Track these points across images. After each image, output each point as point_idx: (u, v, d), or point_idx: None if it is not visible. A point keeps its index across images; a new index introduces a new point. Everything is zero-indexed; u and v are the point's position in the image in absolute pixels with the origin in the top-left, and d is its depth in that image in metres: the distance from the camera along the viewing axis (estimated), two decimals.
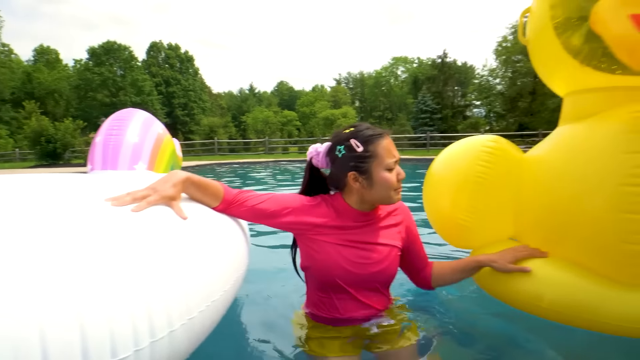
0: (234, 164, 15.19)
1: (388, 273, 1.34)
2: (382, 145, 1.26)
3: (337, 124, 34.79)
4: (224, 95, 64.99)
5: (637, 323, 1.16)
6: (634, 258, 1.19)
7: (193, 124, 47.55)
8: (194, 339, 0.97)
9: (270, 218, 1.31)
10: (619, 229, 1.20)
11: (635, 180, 1.17)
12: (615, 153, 1.24)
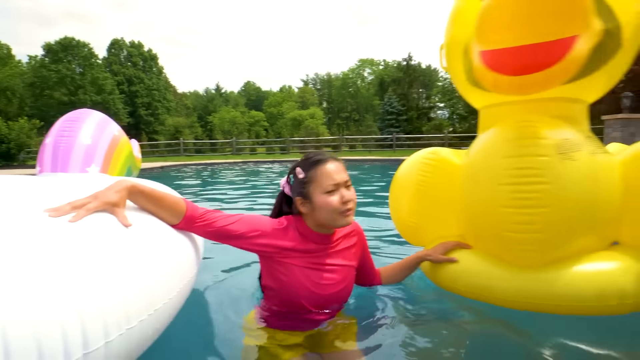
0: (201, 164, 14.88)
1: (348, 291, 1.46)
2: (322, 169, 1.33)
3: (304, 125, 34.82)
4: (189, 95, 63.60)
5: (522, 298, 1.43)
6: (512, 244, 1.45)
7: (157, 124, 46.21)
8: (134, 350, 0.93)
9: (238, 239, 1.32)
10: (500, 220, 1.46)
11: (508, 180, 1.42)
12: (498, 157, 1.48)
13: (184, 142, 23.35)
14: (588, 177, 1.41)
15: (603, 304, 1.34)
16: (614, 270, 1.38)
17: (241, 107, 58.12)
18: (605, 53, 1.40)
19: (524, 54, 1.27)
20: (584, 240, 1.45)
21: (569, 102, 1.57)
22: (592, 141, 1.51)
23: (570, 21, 1.23)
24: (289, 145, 24.41)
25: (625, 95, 10.89)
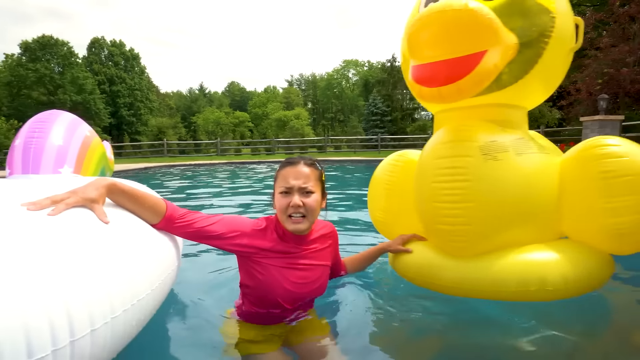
0: (185, 165, 14.69)
1: (322, 288, 1.51)
2: (283, 171, 1.39)
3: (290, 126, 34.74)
4: (172, 95, 62.88)
5: (458, 285, 1.59)
6: (445, 235, 1.63)
7: (140, 124, 45.52)
8: (120, 338, 0.96)
9: (217, 240, 1.34)
10: (435, 214, 1.63)
11: (440, 178, 1.59)
12: (434, 158, 1.65)
13: (168, 143, 23.04)
14: (513, 176, 1.54)
15: (524, 289, 1.49)
16: (536, 260, 1.52)
17: (225, 107, 57.67)
18: (524, 63, 1.54)
19: (439, 69, 1.45)
20: (515, 232, 1.58)
21: (504, 108, 1.70)
22: (530, 142, 1.64)
23: (476, 39, 1.39)
24: (274, 146, 24.32)
25: (601, 97, 11.18)
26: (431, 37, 1.43)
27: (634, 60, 12.56)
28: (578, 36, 1.69)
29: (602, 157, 1.49)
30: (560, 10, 1.57)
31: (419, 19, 1.44)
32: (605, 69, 13.03)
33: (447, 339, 1.52)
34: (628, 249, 1.54)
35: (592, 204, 1.52)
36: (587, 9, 17.42)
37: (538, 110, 23.21)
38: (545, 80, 1.71)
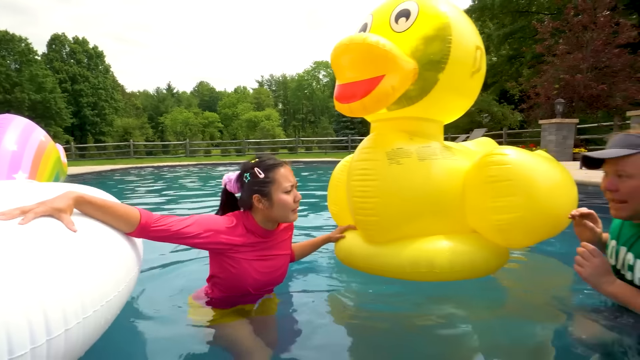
0: (152, 167, 14.35)
1: (284, 275, 1.70)
2: (280, 172, 1.53)
3: (260, 126, 34.54)
4: (138, 95, 61.22)
5: (370, 265, 1.89)
6: (361, 224, 1.93)
7: (104, 124, 44.05)
8: (90, 337, 1.04)
9: (194, 239, 1.41)
10: (353, 207, 1.94)
11: (356, 177, 1.91)
12: (354, 160, 1.97)
13: (134, 144, 22.43)
14: (414, 177, 1.84)
15: (415, 270, 1.78)
16: (428, 247, 1.81)
17: (194, 107, 56.66)
18: (425, 84, 1.82)
19: (347, 89, 1.74)
20: (419, 224, 1.87)
21: (416, 120, 1.99)
22: (436, 150, 1.92)
23: (374, 66, 1.68)
24: (244, 147, 24.12)
25: (558, 101, 11.73)
26: (342, 62, 1.74)
27: (587, 67, 13.25)
28: (480, 61, 1.94)
29: (491, 164, 1.76)
30: (457, 39, 1.81)
31: (335, 47, 1.74)
32: (562, 75, 13.67)
33: (384, 314, 1.69)
34: (512, 243, 1.80)
35: (482, 203, 1.78)
36: (546, 17, 18.27)
37: (501, 113, 24.12)
38: (453, 97, 1.97)
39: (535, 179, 1.69)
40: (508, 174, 1.70)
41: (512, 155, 1.74)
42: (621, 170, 1.27)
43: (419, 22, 1.80)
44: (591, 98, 13.10)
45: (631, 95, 12.48)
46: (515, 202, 1.68)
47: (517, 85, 17.28)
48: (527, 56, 19.33)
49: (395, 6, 1.87)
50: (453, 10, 1.88)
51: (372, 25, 1.92)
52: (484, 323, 1.62)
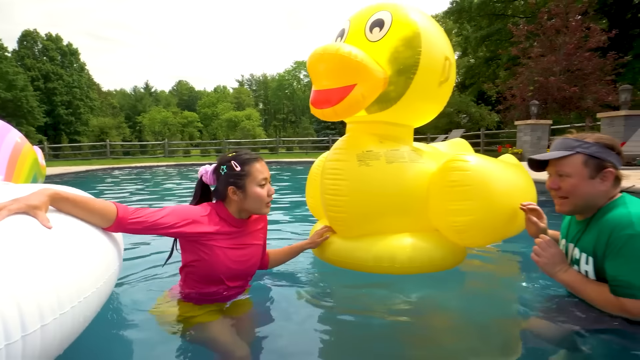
0: (130, 168, 14.08)
1: (256, 266, 1.76)
2: (256, 166, 1.60)
3: (241, 126, 34.30)
4: (115, 94, 59.88)
5: (341, 259, 2.02)
6: (332, 220, 2.07)
7: (80, 124, 42.87)
8: (68, 334, 1.03)
9: (171, 229, 1.45)
10: (325, 204, 2.06)
11: (328, 176, 2.03)
12: (327, 160, 2.09)
13: (111, 144, 21.95)
14: (381, 178, 1.95)
15: (378, 264, 1.92)
16: (390, 242, 1.95)
17: (173, 107, 55.79)
18: (395, 92, 1.94)
19: (321, 95, 1.84)
20: (385, 221, 2.00)
21: (389, 125, 2.11)
22: (404, 153, 2.04)
23: (346, 76, 1.79)
24: (224, 147, 23.90)
25: (532, 103, 12.09)
26: (317, 70, 1.84)
27: (560, 70, 13.68)
28: (449, 71, 2.05)
29: (452, 170, 1.88)
30: (427, 50, 1.92)
31: (310, 55, 1.85)
32: (536, 77, 14.08)
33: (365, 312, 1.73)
34: (467, 242, 1.96)
35: (442, 205, 1.92)
36: (521, 20, 18.78)
37: (479, 114, 24.64)
38: (422, 104, 2.10)
39: (491, 185, 1.82)
40: (467, 179, 1.83)
41: (472, 162, 1.86)
42: (560, 170, 1.40)
43: (391, 33, 1.91)
44: (564, 100, 13.53)
45: (601, 97, 12.95)
46: (472, 206, 1.81)
47: (494, 86, 17.68)
48: (504, 58, 19.82)
49: (370, 15, 1.97)
50: (424, 21, 1.98)
51: (349, 32, 2.02)
52: (454, 316, 1.70)
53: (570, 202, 1.40)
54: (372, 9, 1.99)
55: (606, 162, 1.35)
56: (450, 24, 29.25)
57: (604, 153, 1.35)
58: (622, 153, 1.39)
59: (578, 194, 1.38)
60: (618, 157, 1.37)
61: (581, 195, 1.37)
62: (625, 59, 14.10)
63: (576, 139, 1.39)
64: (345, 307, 1.77)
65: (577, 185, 1.37)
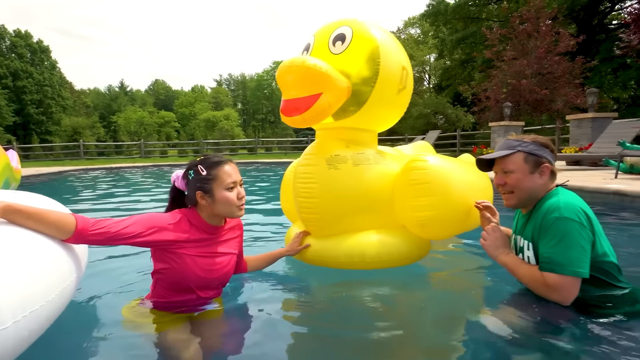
0: (104, 169, 13.76)
1: (229, 275, 1.70)
2: (223, 169, 1.56)
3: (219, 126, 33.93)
4: (89, 93, 58.32)
5: (315, 257, 2.14)
6: (305, 222, 2.18)
7: (51, 123, 41.53)
8: (10, 348, 0.98)
9: (136, 238, 1.41)
10: (298, 206, 2.17)
11: (300, 180, 2.15)
12: (298, 165, 2.21)
13: (85, 145, 21.40)
14: (349, 180, 2.09)
15: (349, 260, 2.06)
16: (360, 239, 2.09)
17: (149, 106, 54.67)
18: (358, 100, 2.08)
19: (290, 104, 1.96)
20: (354, 220, 2.14)
21: (354, 130, 2.27)
22: (370, 156, 2.19)
23: (312, 86, 1.91)
24: (202, 148, 23.65)
25: (506, 105, 12.44)
26: (285, 81, 1.96)
27: (531, 73, 14.10)
28: (407, 79, 2.22)
29: (413, 169, 2.06)
30: (385, 61, 2.09)
31: (279, 67, 1.96)
32: (509, 80, 14.49)
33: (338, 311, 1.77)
34: (431, 235, 2.15)
35: (406, 202, 2.08)
36: (494, 24, 19.26)
37: (455, 115, 25.13)
38: (384, 110, 2.27)
39: (449, 182, 2.01)
40: (427, 177, 2.01)
41: (431, 162, 2.06)
42: (505, 167, 1.55)
43: (352, 46, 2.06)
44: (535, 102, 13.96)
45: (570, 100, 13.42)
46: (432, 201, 2.00)
47: (470, 88, 18.07)
48: (478, 61, 20.26)
49: (333, 30, 2.12)
50: (382, 35, 2.15)
51: (314, 46, 2.15)
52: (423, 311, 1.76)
53: (515, 195, 1.55)
54: (335, 25, 2.15)
55: (543, 158, 1.51)
56: (426, 27, 29.75)
57: (540, 150, 1.51)
58: (555, 151, 1.55)
59: (521, 188, 1.52)
60: (552, 154, 1.54)
61: (524, 189, 1.52)
62: (592, 63, 14.67)
63: (516, 140, 1.55)
64: (318, 307, 1.81)
65: (520, 180, 1.52)
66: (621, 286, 1.42)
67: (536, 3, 14.21)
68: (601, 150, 7.54)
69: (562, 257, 1.36)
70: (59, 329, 1.26)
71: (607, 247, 1.43)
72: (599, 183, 4.84)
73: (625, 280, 1.46)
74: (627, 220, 3.61)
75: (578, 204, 1.41)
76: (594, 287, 1.41)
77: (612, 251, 1.45)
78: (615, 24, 20.37)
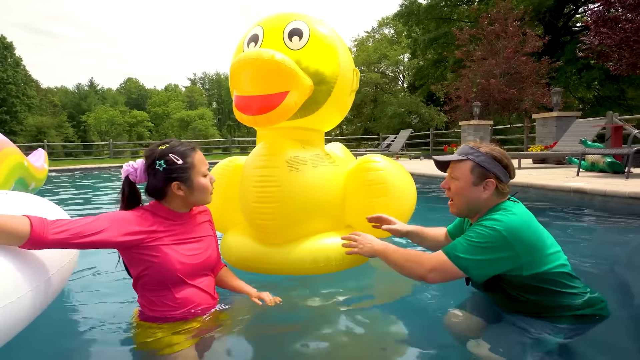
0: (71, 170, 13.25)
1: (213, 257, 1.62)
2: (196, 157, 1.51)
3: (192, 126, 33.38)
4: (56, 91, 56.31)
5: (268, 265, 2.02)
6: (259, 228, 2.04)
7: (15, 123, 39.81)
8: None
9: (101, 235, 1.30)
10: (252, 212, 2.02)
11: (255, 183, 1.99)
12: (251, 167, 2.05)
13: (50, 145, 20.60)
14: (309, 183, 2.02)
15: (315, 265, 2.00)
16: (323, 243, 2.05)
17: (121, 106, 53.28)
18: (319, 99, 2.01)
19: (254, 101, 1.82)
20: (312, 224, 2.08)
21: (306, 131, 2.19)
22: (324, 157, 2.16)
23: (280, 83, 1.80)
24: None
25: (475, 104, 12.65)
26: (248, 76, 1.81)
27: (500, 73, 14.40)
28: (356, 81, 2.24)
29: (368, 170, 2.11)
30: (343, 62, 2.08)
31: (239, 60, 1.78)
32: (479, 79, 14.77)
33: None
34: (383, 233, 2.03)
35: (360, 202, 2.12)
36: (465, 25, 19.60)
37: (428, 115, 25.51)
38: (336, 111, 2.23)
39: (400, 182, 2.14)
40: (383, 178, 2.09)
41: (383, 163, 2.14)
42: (453, 172, 1.50)
43: (311, 42, 1.97)
44: (504, 101, 14.25)
45: (537, 99, 13.76)
46: (387, 201, 2.08)
47: (442, 88, 18.34)
48: (450, 61, 20.58)
49: (286, 23, 1.99)
50: (335, 34, 2.11)
51: (264, 38, 2.00)
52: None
53: (455, 204, 1.50)
54: (286, 18, 2.03)
55: (490, 172, 1.42)
56: (400, 27, 30.05)
57: (490, 164, 1.42)
58: (510, 167, 1.46)
59: (461, 197, 1.47)
60: (504, 170, 1.44)
61: (464, 199, 1.46)
62: (558, 63, 15.09)
63: (472, 147, 1.47)
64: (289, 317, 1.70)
65: (462, 189, 1.45)
66: (575, 292, 1.35)
67: (504, 4, 14.51)
68: (565, 149, 7.73)
69: (460, 245, 1.35)
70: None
71: (553, 258, 1.35)
72: (560, 181, 4.93)
73: (581, 284, 1.39)
74: (588, 217, 3.68)
75: (516, 224, 1.32)
76: (547, 296, 1.34)
77: (561, 258, 1.37)
78: (579, 26, 21.06)
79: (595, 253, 2.60)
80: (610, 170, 5.88)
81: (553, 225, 3.50)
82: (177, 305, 1.45)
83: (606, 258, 2.50)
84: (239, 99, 1.89)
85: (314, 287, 1.96)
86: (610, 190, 3.95)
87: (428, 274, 1.37)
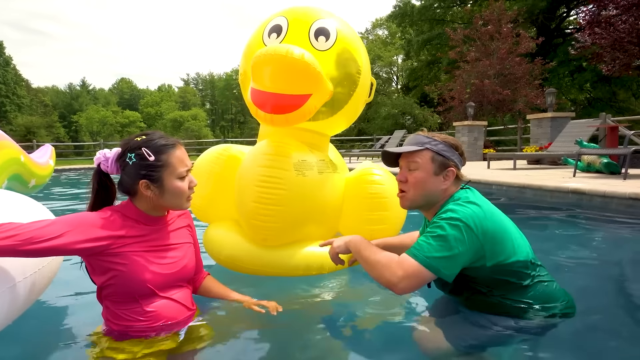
0: (61, 170, 13.01)
1: (190, 268, 1.41)
2: (175, 155, 1.28)
3: (185, 126, 33.14)
4: (47, 91, 55.68)
5: (263, 267, 1.94)
6: (257, 229, 1.93)
7: (5, 123, 39.26)
8: None
9: (58, 240, 1.12)
10: (252, 212, 1.91)
11: (259, 183, 1.87)
12: (255, 165, 1.92)
13: (39, 145, 20.24)
14: (314, 189, 1.95)
15: (308, 272, 1.95)
16: (318, 252, 1.95)
17: (113, 106, 52.85)
18: (336, 105, 1.96)
19: (273, 98, 1.74)
20: (309, 229, 2.02)
21: (315, 134, 2.10)
22: (328, 164, 2.09)
23: (306, 85, 1.74)
24: None
25: (469, 105, 12.64)
26: (273, 72, 1.71)
27: (494, 74, 14.43)
28: (371, 92, 2.17)
29: (372, 182, 2.07)
30: (364, 71, 1.99)
31: (266, 53, 1.67)
32: (472, 80, 14.77)
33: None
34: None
35: (358, 214, 2.09)
36: (458, 26, 19.63)
37: (422, 115, 25.50)
38: (347, 119, 2.15)
39: (395, 197, 1.93)
40: (386, 192, 2.05)
41: (384, 177, 2.10)
42: (409, 164, 1.42)
43: (338, 44, 1.88)
44: (498, 102, 14.26)
45: (531, 100, 13.79)
46: (387, 216, 2.05)
47: (435, 89, 18.33)
48: (444, 62, 20.63)
49: (313, 20, 1.89)
50: (360, 41, 2.03)
51: (289, 33, 1.89)
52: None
53: (408, 197, 1.43)
54: (314, 14, 1.92)
55: (450, 160, 1.39)
56: (394, 28, 30.07)
57: (449, 152, 1.40)
58: (464, 155, 1.45)
59: (420, 187, 1.40)
60: (460, 157, 1.43)
61: (421, 190, 1.40)
62: (551, 65, 15.14)
63: (426, 136, 1.42)
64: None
65: (422, 179, 1.39)
66: (534, 283, 1.33)
67: (497, 5, 14.53)
68: (560, 149, 7.69)
69: (426, 245, 1.25)
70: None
71: (517, 245, 1.32)
72: (557, 182, 4.86)
73: (545, 272, 1.39)
74: (588, 217, 3.60)
75: (480, 214, 1.28)
76: (512, 290, 1.33)
77: (525, 245, 1.36)
78: (572, 28, 21.19)
79: (595, 253, 2.56)
80: (606, 171, 5.83)
81: (551, 226, 3.42)
82: (147, 319, 1.26)
83: (606, 258, 2.45)
84: (256, 93, 1.79)
85: (294, 288, 1.90)
86: (609, 191, 3.87)
87: (399, 282, 1.23)
